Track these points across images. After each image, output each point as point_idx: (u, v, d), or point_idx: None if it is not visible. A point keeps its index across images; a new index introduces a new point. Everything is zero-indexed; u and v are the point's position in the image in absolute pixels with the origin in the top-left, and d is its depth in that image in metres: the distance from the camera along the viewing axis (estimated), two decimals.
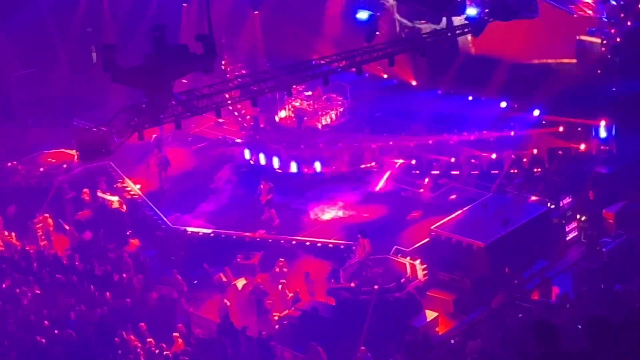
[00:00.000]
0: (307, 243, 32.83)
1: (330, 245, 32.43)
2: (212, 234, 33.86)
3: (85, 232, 34.22)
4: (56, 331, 28.25)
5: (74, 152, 35.87)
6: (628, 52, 35.01)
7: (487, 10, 27.82)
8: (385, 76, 40.66)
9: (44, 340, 27.86)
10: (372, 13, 28.35)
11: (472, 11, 27.67)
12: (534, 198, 32.93)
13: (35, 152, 39.19)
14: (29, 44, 42.72)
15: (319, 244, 32.70)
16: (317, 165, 36.54)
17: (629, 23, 34.97)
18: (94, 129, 23.76)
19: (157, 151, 37.40)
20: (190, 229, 34.11)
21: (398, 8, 39.73)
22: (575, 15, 35.28)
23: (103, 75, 23.25)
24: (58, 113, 41.24)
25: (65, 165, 37.58)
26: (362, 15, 28.49)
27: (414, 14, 37.75)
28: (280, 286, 30.75)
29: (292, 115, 38.33)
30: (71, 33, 42.83)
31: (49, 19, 42.53)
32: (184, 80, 27.23)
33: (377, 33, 29.15)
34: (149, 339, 28.00)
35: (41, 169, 37.80)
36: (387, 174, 35.83)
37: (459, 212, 32.43)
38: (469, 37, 36.29)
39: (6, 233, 34.37)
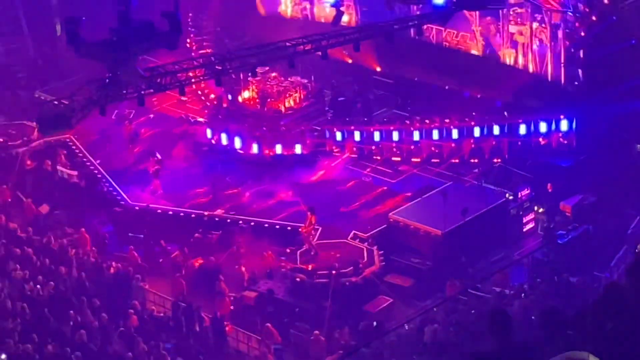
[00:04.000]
0: (265, 224, 32.79)
1: (288, 228, 32.41)
2: (170, 212, 33.73)
3: (43, 205, 33.98)
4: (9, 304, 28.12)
5: (34, 124, 35.59)
6: (591, 46, 35.23)
7: (454, 0, 27.88)
8: (349, 61, 40.64)
9: None
10: None
11: (439, 0, 27.72)
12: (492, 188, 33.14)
13: None
14: None
15: (277, 226, 32.69)
16: (278, 147, 36.47)
17: (593, 18, 35.18)
18: (56, 102, 23.63)
19: (127, 123, 37.10)
20: (149, 206, 33.96)
21: None
22: (542, 8, 35.42)
23: (67, 48, 23.10)
24: (20, 85, 40.87)
25: (25, 137, 37.23)
26: None
27: None
28: (237, 266, 30.72)
29: (256, 96, 38.22)
30: (36, 4, 42.36)
31: None
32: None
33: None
34: (103, 314, 27.93)
35: (0, 140, 37.42)
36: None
37: (418, 199, 32.55)
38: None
39: None
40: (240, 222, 32.97)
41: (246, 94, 38.23)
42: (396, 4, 30.55)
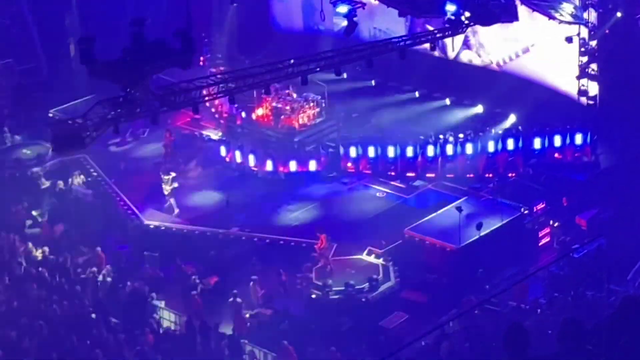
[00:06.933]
0: (281, 241, 32.84)
1: (304, 245, 32.43)
2: (185, 230, 33.79)
3: (58, 225, 34.04)
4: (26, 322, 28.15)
5: (49, 144, 35.68)
6: (605, 58, 35.18)
7: (468, 14, 27.80)
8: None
9: (14, 333, 27.73)
10: (352, 7, 28.25)
11: (451, 7, 27.48)
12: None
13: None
14: (6, 34, 42.51)
15: (292, 243, 32.72)
16: (293, 164, 36.50)
17: (607, 31, 35.13)
18: (69, 122, 23.68)
19: (168, 134, 37.00)
20: (164, 224, 34.05)
21: None
22: (555, 20, 35.39)
23: (80, 68, 23.16)
24: (34, 104, 41.00)
25: (40, 157, 37.36)
26: (342, 9, 28.39)
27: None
28: (252, 283, 30.71)
29: (270, 113, 38.30)
30: (50, 24, 42.55)
31: (27, 9, 42.29)
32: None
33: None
34: (120, 334, 27.95)
35: (15, 160, 37.57)
36: None
37: (433, 214, 32.51)
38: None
39: None
40: (256, 239, 33.02)
41: (260, 111, 38.30)
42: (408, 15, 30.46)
